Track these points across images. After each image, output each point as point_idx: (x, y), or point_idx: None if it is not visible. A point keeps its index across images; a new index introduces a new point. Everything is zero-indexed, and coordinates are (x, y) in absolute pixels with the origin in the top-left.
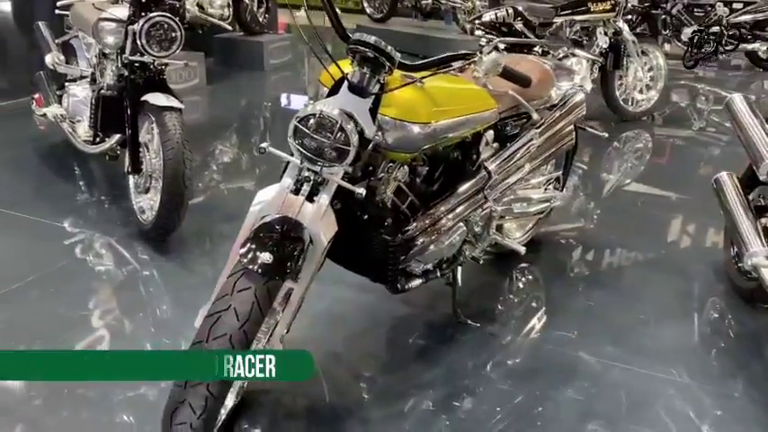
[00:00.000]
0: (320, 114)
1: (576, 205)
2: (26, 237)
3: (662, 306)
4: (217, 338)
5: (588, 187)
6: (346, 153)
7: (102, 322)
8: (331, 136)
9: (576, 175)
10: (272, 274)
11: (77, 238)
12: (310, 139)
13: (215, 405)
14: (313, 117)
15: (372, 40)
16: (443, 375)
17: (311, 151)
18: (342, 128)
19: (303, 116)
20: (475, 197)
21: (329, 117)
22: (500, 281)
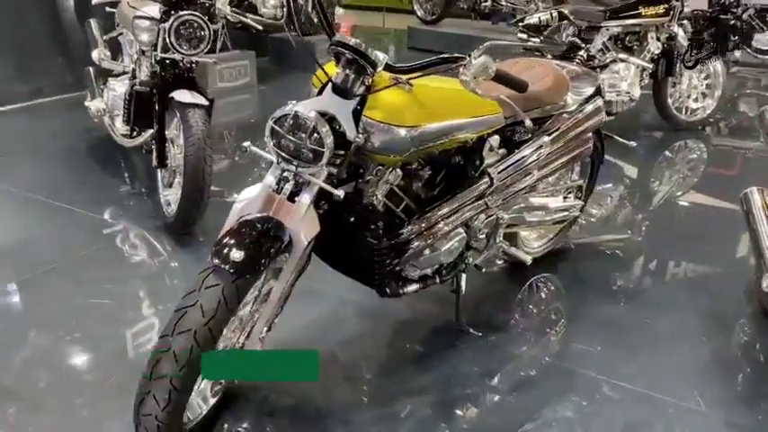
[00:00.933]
0: (295, 115)
1: (621, 216)
2: (59, 224)
3: (682, 325)
4: (181, 333)
5: (635, 198)
6: (321, 154)
7: (111, 311)
8: (305, 137)
9: (624, 185)
10: (242, 273)
11: (107, 227)
12: (286, 140)
13: (179, 398)
14: (288, 118)
15: (352, 43)
16: (436, 382)
17: (287, 151)
18: (316, 129)
19: (279, 116)
20: (475, 203)
21: (304, 118)
22: (513, 290)
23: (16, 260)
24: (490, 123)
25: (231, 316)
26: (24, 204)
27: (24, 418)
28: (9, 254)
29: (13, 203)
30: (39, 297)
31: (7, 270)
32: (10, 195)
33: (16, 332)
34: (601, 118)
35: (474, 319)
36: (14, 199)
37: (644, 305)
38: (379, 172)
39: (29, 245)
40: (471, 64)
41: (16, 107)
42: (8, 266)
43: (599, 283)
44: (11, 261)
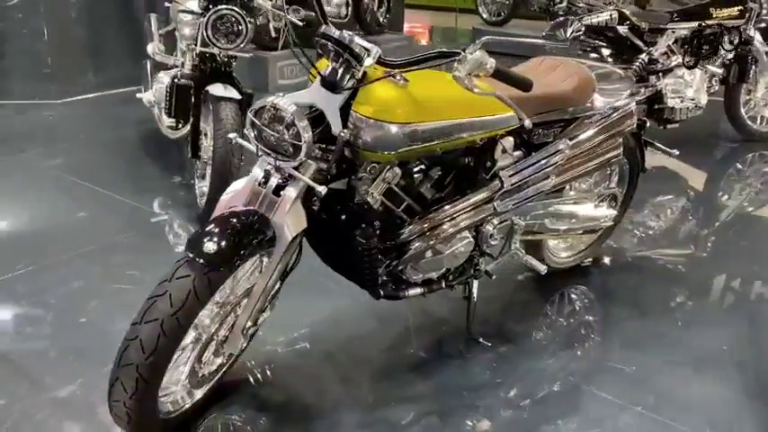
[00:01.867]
0: (273, 107)
1: (684, 230)
2: (99, 210)
3: (720, 352)
4: (149, 322)
5: (700, 211)
6: (299, 148)
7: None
8: (281, 129)
9: (687, 198)
10: (214, 265)
11: (143, 216)
12: (266, 132)
13: (146, 387)
14: (266, 110)
15: (336, 35)
16: (432, 390)
17: (266, 144)
18: (293, 123)
19: (258, 108)
20: (483, 207)
21: (282, 111)
22: (538, 301)
23: (52, 241)
24: (497, 124)
25: (201, 308)
26: (71, 189)
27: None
28: (47, 235)
29: (60, 187)
30: (65, 278)
31: (42, 250)
32: (60, 180)
33: (35, 311)
34: (632, 123)
35: (488, 328)
36: (63, 183)
37: (683, 327)
38: (373, 169)
39: (67, 227)
40: (466, 60)
41: (85, 97)
42: (43, 247)
43: (637, 299)
44: (47, 242)
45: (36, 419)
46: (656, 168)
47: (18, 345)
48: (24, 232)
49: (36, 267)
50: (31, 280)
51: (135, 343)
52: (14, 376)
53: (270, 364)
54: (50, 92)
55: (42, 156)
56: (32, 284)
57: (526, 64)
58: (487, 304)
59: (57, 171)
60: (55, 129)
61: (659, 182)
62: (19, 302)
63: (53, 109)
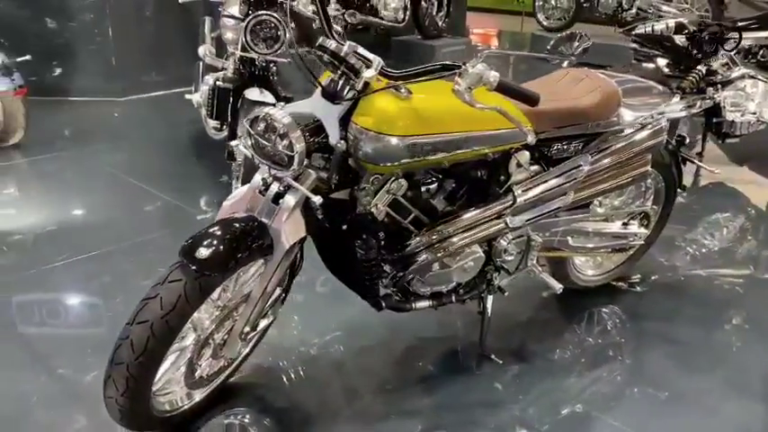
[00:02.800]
0: (267, 118)
1: (743, 250)
2: (140, 207)
3: (736, 388)
4: (140, 323)
5: (760, 232)
6: (292, 159)
7: None
8: (274, 139)
9: (747, 216)
10: (206, 270)
11: (183, 214)
12: (261, 142)
13: (137, 386)
14: (261, 120)
15: (332, 47)
16: (435, 406)
17: (262, 153)
18: (286, 134)
19: (253, 118)
20: (493, 221)
21: (275, 122)
22: (561, 320)
23: (93, 235)
24: (505, 139)
25: (193, 312)
26: (119, 185)
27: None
28: (90, 228)
29: (110, 183)
30: (98, 272)
31: (82, 242)
32: (111, 176)
33: (63, 302)
34: (661, 139)
35: (504, 345)
36: (113, 179)
37: (716, 358)
38: (376, 180)
39: (109, 222)
40: (467, 73)
41: (146, 96)
42: (84, 239)
43: (671, 324)
44: (88, 235)
45: (45, 409)
46: (713, 185)
47: (40, 331)
48: (69, 224)
49: (74, 259)
50: (66, 271)
51: (126, 343)
52: (33, 363)
53: (278, 370)
54: (115, 90)
55: (99, 152)
56: (67, 276)
57: (551, 75)
58: (506, 321)
59: (109, 167)
60: (114, 126)
61: (717, 198)
62: (50, 292)
63: (116, 106)
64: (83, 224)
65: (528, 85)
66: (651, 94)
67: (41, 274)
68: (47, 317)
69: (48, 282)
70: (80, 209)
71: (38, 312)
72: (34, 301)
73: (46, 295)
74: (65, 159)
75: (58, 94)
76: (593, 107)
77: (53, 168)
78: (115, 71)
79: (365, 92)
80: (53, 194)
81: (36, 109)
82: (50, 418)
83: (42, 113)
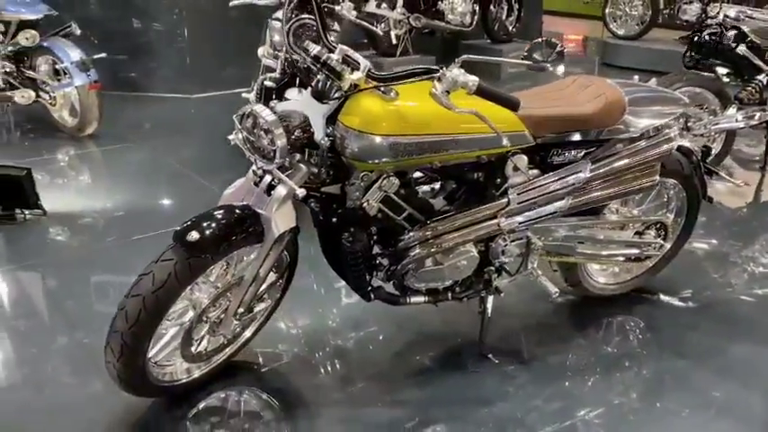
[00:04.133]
0: (252, 114)
1: None
2: (190, 197)
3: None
4: (134, 297)
5: None
6: (275, 153)
7: None
8: (257, 134)
9: None
10: (196, 252)
11: None
12: (248, 136)
13: (131, 353)
14: (249, 116)
15: (314, 52)
16: (423, 398)
17: (250, 146)
18: (269, 130)
19: (241, 113)
20: (486, 223)
21: (260, 118)
22: (569, 326)
23: (143, 219)
24: (492, 142)
25: (182, 290)
26: (175, 175)
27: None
28: (141, 213)
29: (167, 173)
30: (140, 253)
31: (131, 226)
32: (169, 167)
33: (107, 279)
34: (670, 148)
35: (505, 345)
36: (170, 170)
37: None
38: (365, 177)
39: (159, 208)
40: (444, 77)
41: (215, 94)
42: (134, 223)
43: (683, 342)
44: (139, 219)
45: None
46: None
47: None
48: (123, 208)
49: (122, 242)
50: (112, 252)
51: (122, 313)
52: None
53: (282, 354)
54: (188, 88)
55: (164, 144)
56: (112, 256)
57: (559, 81)
58: (512, 322)
59: (170, 159)
60: (182, 121)
61: None
62: (96, 271)
63: (187, 103)
64: (136, 209)
65: (535, 90)
66: (662, 103)
67: (92, 253)
68: (93, 292)
69: (95, 260)
70: (136, 195)
71: (85, 289)
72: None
73: (91, 273)
74: (133, 150)
75: (137, 89)
76: (595, 114)
77: (122, 158)
78: (189, 70)
79: (351, 92)
80: (120, 181)
81: (115, 103)
82: None
83: (120, 107)
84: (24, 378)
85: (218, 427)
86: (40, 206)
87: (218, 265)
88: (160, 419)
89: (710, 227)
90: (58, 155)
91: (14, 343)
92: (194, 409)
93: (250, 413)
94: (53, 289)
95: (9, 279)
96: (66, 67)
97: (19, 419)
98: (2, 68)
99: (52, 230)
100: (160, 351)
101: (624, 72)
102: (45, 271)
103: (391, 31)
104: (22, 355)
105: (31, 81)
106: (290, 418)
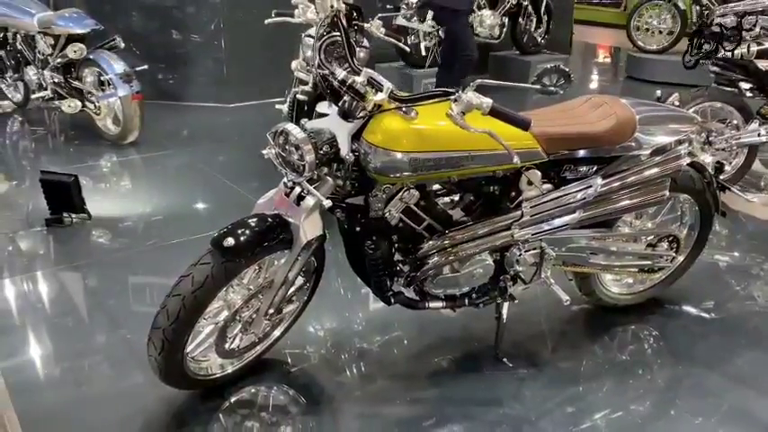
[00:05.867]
0: (284, 132)
1: None
2: (224, 203)
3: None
4: (175, 296)
5: None
6: (304, 167)
7: None
8: (288, 150)
9: None
10: (230, 256)
11: None
12: (280, 151)
13: (171, 348)
14: (281, 133)
15: (340, 77)
16: (437, 397)
17: (284, 160)
18: (299, 147)
19: (275, 131)
20: (500, 233)
21: (290, 136)
22: (580, 334)
23: (179, 224)
24: (505, 159)
25: (218, 290)
26: (210, 182)
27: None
28: (178, 218)
29: (202, 180)
30: (176, 257)
31: (168, 231)
32: (204, 173)
33: (146, 282)
34: (679, 165)
35: (519, 351)
36: (205, 176)
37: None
38: (387, 189)
39: (194, 214)
40: (460, 99)
41: (251, 104)
42: (170, 228)
43: (693, 352)
44: (175, 224)
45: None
46: None
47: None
48: (162, 213)
49: (159, 245)
50: (151, 254)
51: (163, 311)
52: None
53: (309, 354)
54: (225, 97)
55: (201, 152)
56: (151, 258)
57: (574, 100)
58: (529, 329)
59: (204, 166)
60: (218, 130)
61: None
62: (136, 272)
63: (224, 112)
64: (173, 214)
65: (550, 109)
66: (673, 121)
67: (131, 255)
68: (132, 294)
69: (135, 263)
70: (172, 200)
71: (124, 290)
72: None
73: (129, 275)
74: (171, 158)
75: (177, 99)
76: (607, 132)
77: (161, 165)
78: (226, 81)
79: (375, 112)
80: (159, 187)
81: (155, 112)
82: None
83: (160, 116)
84: (70, 371)
85: (248, 419)
86: (85, 210)
87: (250, 268)
88: (195, 410)
89: (732, 240)
90: (102, 161)
91: (62, 338)
92: (226, 403)
93: (277, 407)
94: (97, 288)
95: (57, 279)
96: (110, 78)
97: (65, 409)
98: (51, 79)
99: (96, 234)
100: (197, 347)
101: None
102: (90, 271)
103: (421, 43)
104: (69, 350)
105: (78, 91)
106: (314, 413)
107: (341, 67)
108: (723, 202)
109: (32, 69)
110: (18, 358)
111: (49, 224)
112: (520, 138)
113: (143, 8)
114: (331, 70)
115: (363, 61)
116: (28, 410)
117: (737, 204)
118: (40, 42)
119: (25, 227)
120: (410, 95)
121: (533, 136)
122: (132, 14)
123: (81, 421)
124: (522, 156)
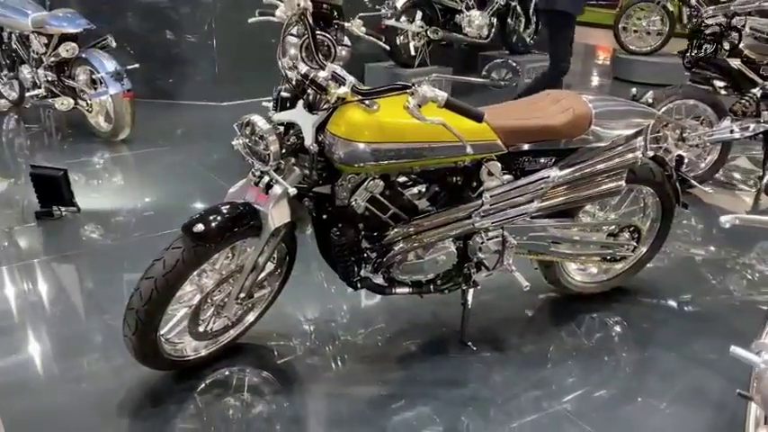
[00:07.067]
0: (250, 123)
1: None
2: (211, 197)
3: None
4: (147, 279)
5: None
6: (269, 157)
7: None
8: (254, 140)
9: None
10: (200, 241)
11: None
12: (247, 141)
13: (144, 328)
14: (247, 124)
15: (303, 71)
16: (403, 378)
17: (249, 150)
18: (264, 137)
19: (241, 122)
20: (462, 221)
21: (256, 126)
22: (545, 320)
23: (164, 218)
24: (462, 150)
25: (189, 273)
26: (198, 178)
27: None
28: (163, 212)
29: (191, 176)
30: None
31: (154, 224)
32: (193, 170)
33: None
34: (635, 156)
35: (485, 336)
36: (194, 173)
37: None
38: (353, 179)
39: (180, 208)
40: (416, 92)
41: (242, 102)
42: (156, 221)
43: (653, 337)
44: (161, 218)
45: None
46: None
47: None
48: (152, 207)
49: (148, 237)
50: (139, 245)
51: (137, 293)
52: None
53: (281, 337)
54: (217, 96)
55: (191, 150)
56: (139, 249)
57: (537, 95)
58: (494, 315)
59: (195, 162)
60: (209, 128)
61: None
62: (123, 262)
63: (215, 110)
64: (160, 208)
65: (511, 103)
66: (632, 115)
67: (121, 246)
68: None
69: (122, 254)
70: (161, 195)
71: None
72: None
73: (117, 265)
74: (162, 154)
75: (169, 97)
76: (563, 125)
77: (152, 161)
78: (218, 80)
79: (338, 104)
80: (149, 183)
81: (148, 110)
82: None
83: (152, 114)
84: (57, 353)
85: (222, 398)
86: (74, 204)
87: (222, 254)
88: (171, 390)
89: (696, 232)
90: (94, 157)
91: (50, 324)
92: (201, 383)
93: (251, 387)
94: (85, 278)
95: (46, 268)
96: (102, 77)
97: (51, 386)
98: (45, 78)
99: (86, 226)
100: (171, 329)
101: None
102: (78, 262)
103: (410, 42)
104: (56, 334)
105: (71, 89)
106: (285, 393)
107: (307, 63)
108: (699, 198)
109: (27, 68)
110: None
111: (39, 217)
112: (480, 131)
113: (137, 8)
114: (295, 65)
115: (345, 59)
116: (3, 387)
117: (712, 199)
118: (34, 42)
119: (20, 222)
120: (372, 89)
121: (493, 129)
122: (126, 14)
123: (58, 397)
124: (482, 148)
